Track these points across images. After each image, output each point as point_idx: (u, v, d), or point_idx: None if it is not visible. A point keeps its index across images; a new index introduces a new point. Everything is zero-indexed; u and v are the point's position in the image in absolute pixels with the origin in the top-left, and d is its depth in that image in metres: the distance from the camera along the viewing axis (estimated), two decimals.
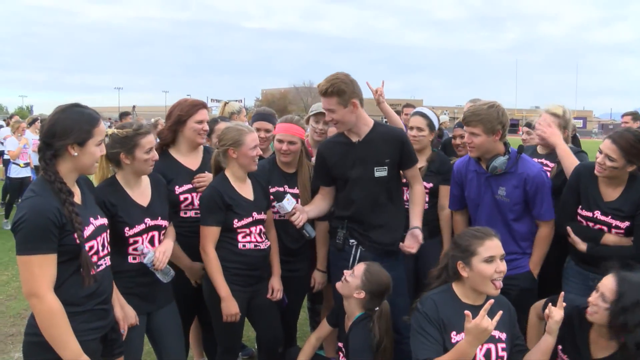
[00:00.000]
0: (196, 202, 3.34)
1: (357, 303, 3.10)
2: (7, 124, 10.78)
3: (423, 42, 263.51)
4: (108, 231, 2.52)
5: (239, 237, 3.20)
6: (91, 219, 2.37)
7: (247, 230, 3.22)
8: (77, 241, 2.22)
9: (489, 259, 2.53)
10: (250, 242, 3.22)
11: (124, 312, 2.70)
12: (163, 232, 2.97)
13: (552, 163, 3.62)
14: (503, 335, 2.57)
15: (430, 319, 2.54)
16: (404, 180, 3.54)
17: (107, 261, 2.48)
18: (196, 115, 3.32)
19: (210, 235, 3.15)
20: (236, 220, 3.18)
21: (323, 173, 3.43)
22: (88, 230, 2.31)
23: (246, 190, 3.29)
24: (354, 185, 3.31)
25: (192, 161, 3.43)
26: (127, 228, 2.80)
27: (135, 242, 2.84)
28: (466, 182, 3.41)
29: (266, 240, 3.33)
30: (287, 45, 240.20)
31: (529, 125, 4.50)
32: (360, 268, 3.11)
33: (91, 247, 2.32)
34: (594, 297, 2.54)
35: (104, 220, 2.49)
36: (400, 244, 3.31)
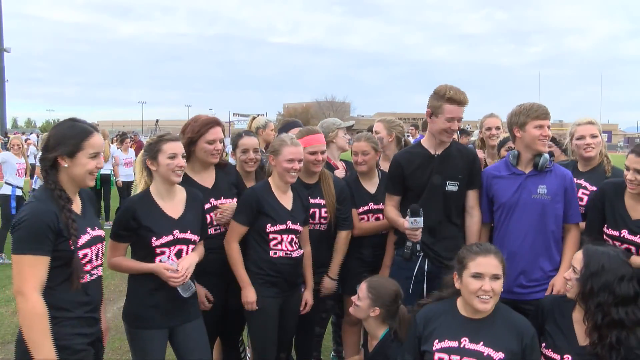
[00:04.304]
0: (215, 221, 3.36)
1: (376, 321, 3.10)
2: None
3: (449, 56, 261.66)
4: (104, 243, 2.59)
5: (271, 244, 3.27)
6: (88, 229, 2.45)
7: (279, 238, 3.28)
8: (72, 247, 2.30)
9: (476, 275, 2.55)
10: (281, 249, 3.28)
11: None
12: (191, 246, 2.99)
13: (592, 186, 3.54)
14: (496, 355, 2.50)
15: (416, 329, 2.70)
16: None
17: (100, 272, 2.53)
18: (207, 135, 3.29)
19: (236, 230, 3.28)
20: (269, 225, 3.25)
21: (398, 181, 3.49)
22: (84, 239, 2.40)
23: (285, 200, 3.37)
24: (428, 196, 3.37)
25: (206, 179, 3.41)
26: (154, 238, 2.85)
27: (162, 253, 2.88)
28: (496, 188, 3.35)
29: (298, 250, 3.37)
30: (313, 60, 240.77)
31: (554, 140, 4.46)
32: (363, 288, 3.12)
33: (85, 255, 2.40)
34: (567, 274, 2.68)
35: (100, 232, 2.56)
36: None
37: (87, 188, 2.59)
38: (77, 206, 2.47)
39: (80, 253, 2.36)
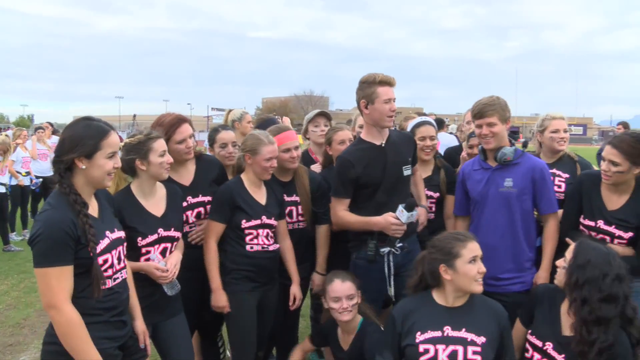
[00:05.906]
0: (191, 219, 3.34)
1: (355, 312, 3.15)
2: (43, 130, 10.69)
3: (429, 51, 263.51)
4: (125, 244, 2.52)
5: (247, 239, 3.24)
6: (107, 233, 2.37)
7: (255, 232, 3.26)
8: (91, 254, 2.23)
9: (473, 259, 2.59)
10: (257, 244, 3.26)
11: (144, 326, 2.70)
12: (175, 243, 2.98)
13: (565, 174, 3.65)
14: (479, 339, 2.55)
15: (394, 326, 2.68)
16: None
17: (124, 274, 2.48)
18: (175, 136, 3.24)
19: (214, 229, 3.24)
20: (244, 220, 3.23)
21: (351, 182, 3.31)
22: (102, 244, 2.32)
23: (259, 195, 3.34)
24: (387, 188, 3.32)
25: (184, 176, 3.37)
26: (139, 238, 2.82)
27: (148, 252, 2.85)
28: (470, 182, 3.39)
29: (275, 244, 3.36)
30: (293, 55, 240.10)
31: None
32: (340, 289, 3.17)
33: (105, 261, 2.32)
34: (559, 262, 2.68)
35: (120, 234, 2.49)
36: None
37: (104, 188, 2.48)
38: (94, 209, 2.37)
39: (100, 259, 2.29)
